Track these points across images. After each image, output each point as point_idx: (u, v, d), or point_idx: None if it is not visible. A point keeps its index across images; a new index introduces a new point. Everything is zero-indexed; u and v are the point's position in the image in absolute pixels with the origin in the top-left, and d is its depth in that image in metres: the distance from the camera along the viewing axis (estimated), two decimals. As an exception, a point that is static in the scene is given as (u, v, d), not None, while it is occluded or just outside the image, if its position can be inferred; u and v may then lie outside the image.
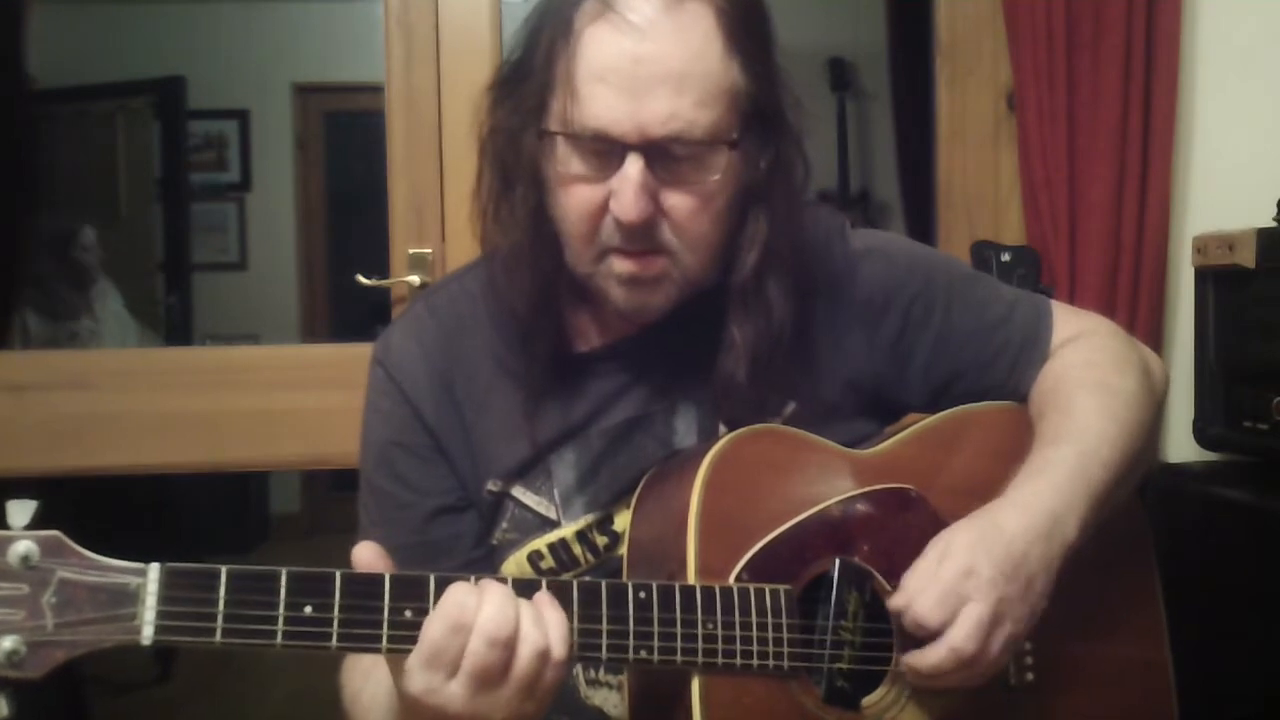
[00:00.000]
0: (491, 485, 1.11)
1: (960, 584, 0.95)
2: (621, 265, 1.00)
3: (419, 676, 0.85)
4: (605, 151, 0.97)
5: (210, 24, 5.28)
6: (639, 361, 1.11)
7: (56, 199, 4.22)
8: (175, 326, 4.87)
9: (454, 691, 0.85)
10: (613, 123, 0.95)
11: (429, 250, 1.93)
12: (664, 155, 0.96)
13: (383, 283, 1.96)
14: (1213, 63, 1.98)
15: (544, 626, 0.86)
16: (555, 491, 1.10)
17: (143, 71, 4.93)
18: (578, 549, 1.10)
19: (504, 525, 1.11)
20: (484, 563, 1.11)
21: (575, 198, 1.00)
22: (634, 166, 0.96)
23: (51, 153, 4.65)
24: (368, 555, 0.88)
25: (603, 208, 0.98)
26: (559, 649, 0.86)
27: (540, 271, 1.04)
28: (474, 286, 1.13)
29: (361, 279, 1.97)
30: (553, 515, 1.10)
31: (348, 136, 5.70)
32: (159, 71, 4.95)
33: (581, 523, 1.10)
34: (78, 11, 5.02)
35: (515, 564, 1.11)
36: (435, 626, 0.84)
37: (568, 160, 0.99)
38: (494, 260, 1.09)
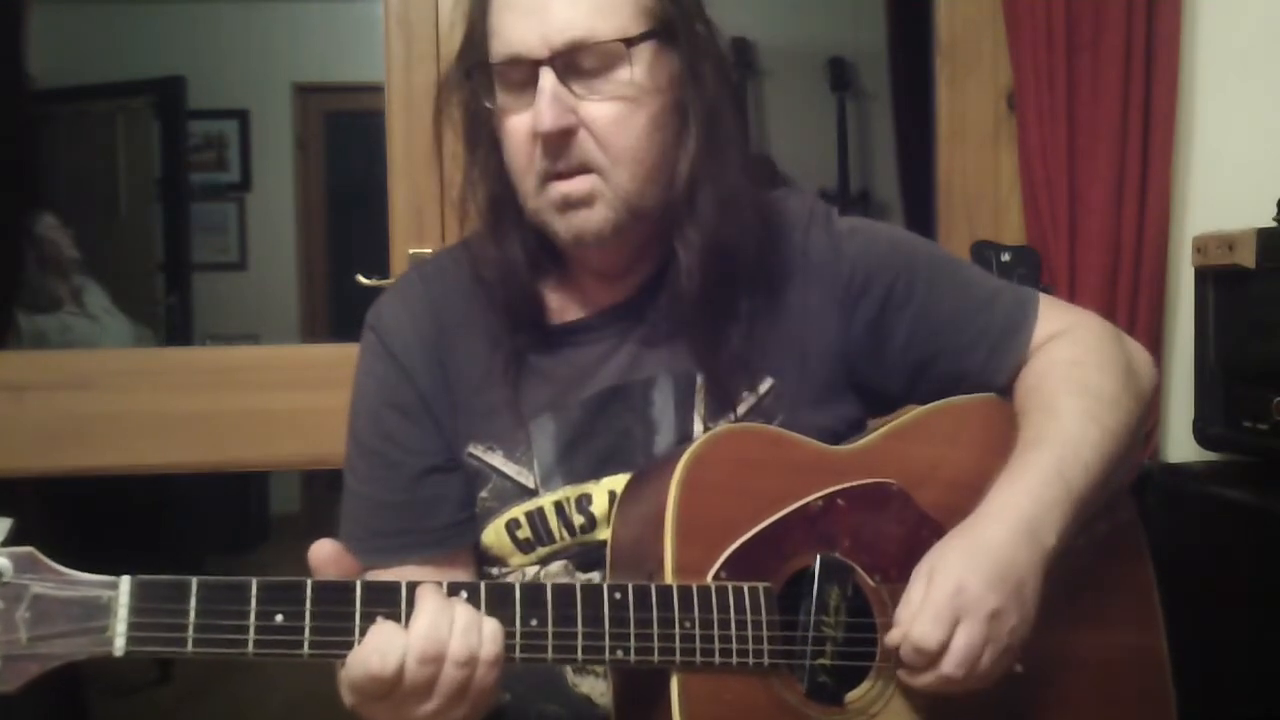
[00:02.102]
0: (473, 449, 1.13)
1: (952, 601, 0.95)
2: (555, 189, 1.04)
3: (349, 695, 0.88)
4: (524, 79, 1.03)
5: (210, 24, 5.28)
6: (617, 333, 1.13)
7: (56, 199, 4.21)
8: (175, 326, 4.87)
9: (380, 707, 0.87)
10: (520, 42, 1.02)
11: (429, 250, 1.93)
12: (574, 69, 1.02)
13: (383, 283, 1.96)
14: (1213, 63, 1.98)
15: (469, 638, 0.86)
16: (535, 462, 1.11)
17: (143, 71, 4.94)
18: (554, 522, 1.11)
19: (484, 494, 1.13)
20: (469, 526, 1.13)
21: (510, 130, 1.06)
22: (545, 79, 1.02)
23: (51, 153, 4.65)
24: (327, 551, 0.90)
25: (533, 133, 1.03)
26: (487, 654, 0.86)
27: (509, 232, 1.10)
28: (464, 255, 1.16)
29: (361, 279, 1.97)
30: (531, 484, 1.11)
31: (348, 136, 5.71)
32: (159, 71, 4.95)
33: (559, 494, 1.11)
34: (78, 11, 5.03)
35: (494, 531, 1.12)
36: (361, 664, 0.85)
37: (499, 97, 1.06)
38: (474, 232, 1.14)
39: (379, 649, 0.84)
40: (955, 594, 0.95)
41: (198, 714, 3.38)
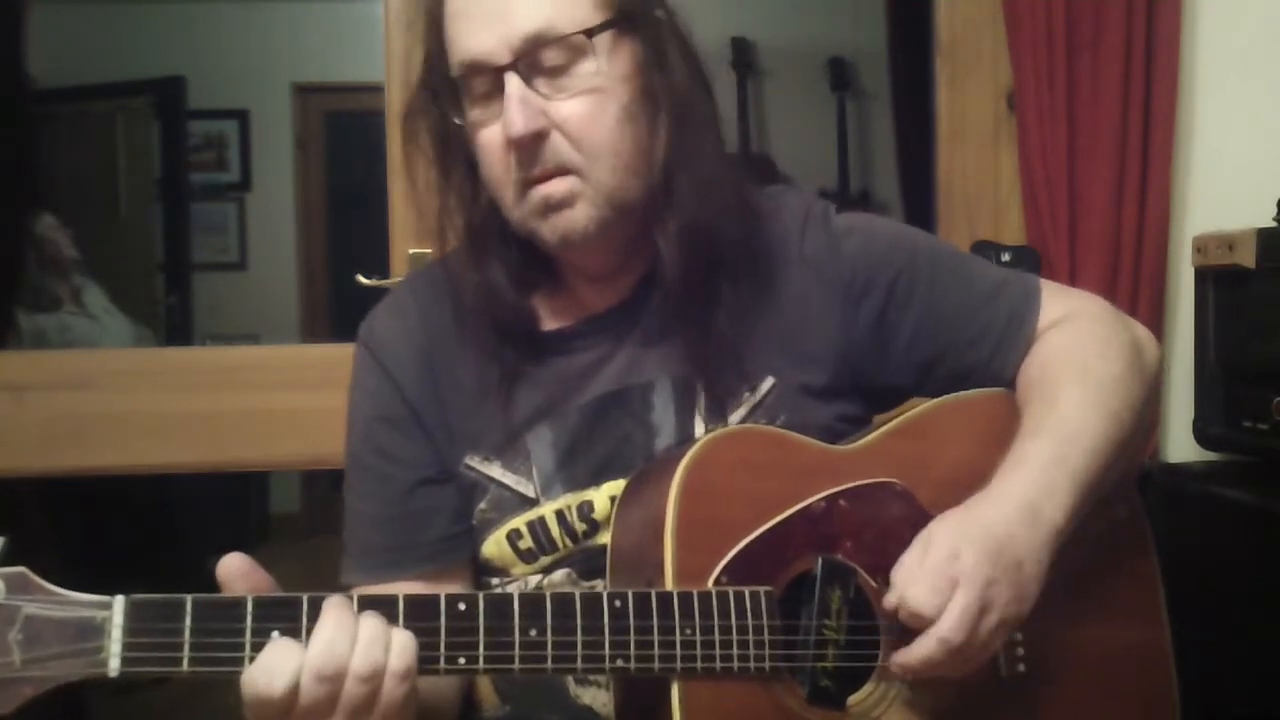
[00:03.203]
0: (470, 460, 1.12)
1: (948, 568, 0.94)
2: (535, 194, 1.03)
3: (248, 715, 0.85)
4: (489, 88, 1.03)
5: (210, 24, 5.28)
6: (612, 338, 1.12)
7: (56, 199, 4.21)
8: (175, 326, 4.87)
9: None
10: (479, 48, 1.02)
11: (429, 250, 1.93)
12: (538, 69, 1.01)
13: (383, 283, 1.96)
14: (1213, 63, 1.98)
15: (373, 651, 0.83)
16: (534, 471, 1.10)
17: (143, 71, 4.94)
18: (556, 530, 1.10)
19: (483, 505, 1.12)
20: (464, 540, 1.13)
21: (484, 143, 1.05)
22: (510, 84, 1.01)
23: (51, 153, 4.65)
24: (235, 564, 0.86)
25: (506, 141, 1.02)
26: (395, 667, 0.84)
27: (490, 253, 1.09)
28: (454, 267, 1.15)
29: (361, 279, 1.97)
30: (531, 494, 1.10)
31: (348, 136, 5.71)
32: (159, 71, 4.96)
33: (560, 502, 1.10)
34: (78, 11, 5.03)
35: (495, 543, 1.11)
36: (250, 684, 0.83)
37: (469, 112, 1.05)
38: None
39: (268, 669, 0.82)
40: (950, 560, 0.94)
41: (197, 712, 3.37)
